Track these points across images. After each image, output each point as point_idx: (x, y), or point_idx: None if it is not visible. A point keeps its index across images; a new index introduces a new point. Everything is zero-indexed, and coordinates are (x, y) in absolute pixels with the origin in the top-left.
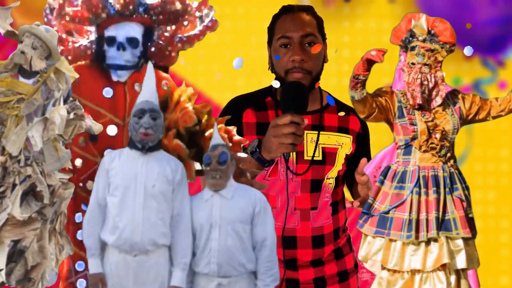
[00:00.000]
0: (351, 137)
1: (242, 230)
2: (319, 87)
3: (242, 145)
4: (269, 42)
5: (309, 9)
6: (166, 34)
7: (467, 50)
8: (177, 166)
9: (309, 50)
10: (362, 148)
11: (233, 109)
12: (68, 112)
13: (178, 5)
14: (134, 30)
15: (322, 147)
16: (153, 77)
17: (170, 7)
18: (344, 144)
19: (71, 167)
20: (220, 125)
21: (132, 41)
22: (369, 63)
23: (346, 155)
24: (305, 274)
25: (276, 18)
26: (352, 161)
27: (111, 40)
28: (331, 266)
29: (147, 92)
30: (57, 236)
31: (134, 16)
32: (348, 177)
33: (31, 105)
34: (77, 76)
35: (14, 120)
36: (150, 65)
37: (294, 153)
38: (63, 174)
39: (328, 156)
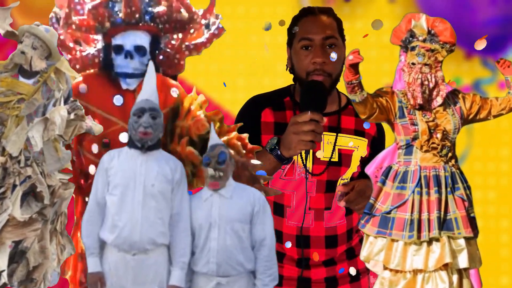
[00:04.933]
0: (366, 140)
1: (241, 230)
2: (337, 89)
3: (255, 151)
4: (289, 44)
5: (329, 11)
6: (173, 42)
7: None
8: (176, 166)
9: (330, 53)
10: (377, 152)
11: (252, 108)
12: (69, 113)
13: (184, 14)
14: (141, 38)
15: (339, 149)
16: (154, 76)
17: (176, 15)
18: (359, 147)
19: (71, 168)
20: (233, 133)
21: (139, 50)
22: (354, 67)
23: (361, 157)
24: (317, 273)
25: (296, 20)
26: (366, 164)
27: (119, 49)
28: (343, 266)
29: (147, 91)
30: (58, 236)
31: (141, 24)
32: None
33: (31, 105)
34: (77, 76)
35: (15, 120)
36: (151, 64)
37: (311, 154)
38: (63, 175)
39: (344, 157)
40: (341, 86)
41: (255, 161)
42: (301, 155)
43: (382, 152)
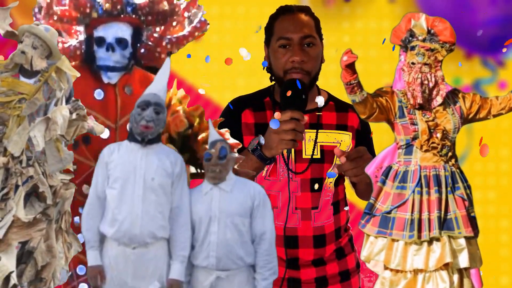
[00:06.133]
0: (350, 134)
1: (241, 224)
2: (317, 86)
3: (235, 148)
4: (267, 42)
5: (307, 10)
6: (155, 35)
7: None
8: (177, 159)
9: (308, 51)
10: (362, 144)
11: (232, 110)
12: (71, 112)
13: (166, 5)
14: (123, 30)
15: (321, 145)
16: (168, 73)
17: (158, 7)
18: (343, 141)
19: (72, 169)
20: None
21: (121, 42)
22: (350, 67)
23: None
24: (306, 273)
25: (274, 18)
26: None
27: (100, 41)
28: (332, 266)
29: (157, 86)
30: (64, 235)
31: (122, 16)
32: None
33: (32, 105)
34: (78, 75)
35: (16, 120)
36: (167, 60)
37: (293, 152)
38: (64, 175)
39: (327, 154)
40: (340, 87)
41: (234, 155)
42: (282, 154)
43: (382, 152)
